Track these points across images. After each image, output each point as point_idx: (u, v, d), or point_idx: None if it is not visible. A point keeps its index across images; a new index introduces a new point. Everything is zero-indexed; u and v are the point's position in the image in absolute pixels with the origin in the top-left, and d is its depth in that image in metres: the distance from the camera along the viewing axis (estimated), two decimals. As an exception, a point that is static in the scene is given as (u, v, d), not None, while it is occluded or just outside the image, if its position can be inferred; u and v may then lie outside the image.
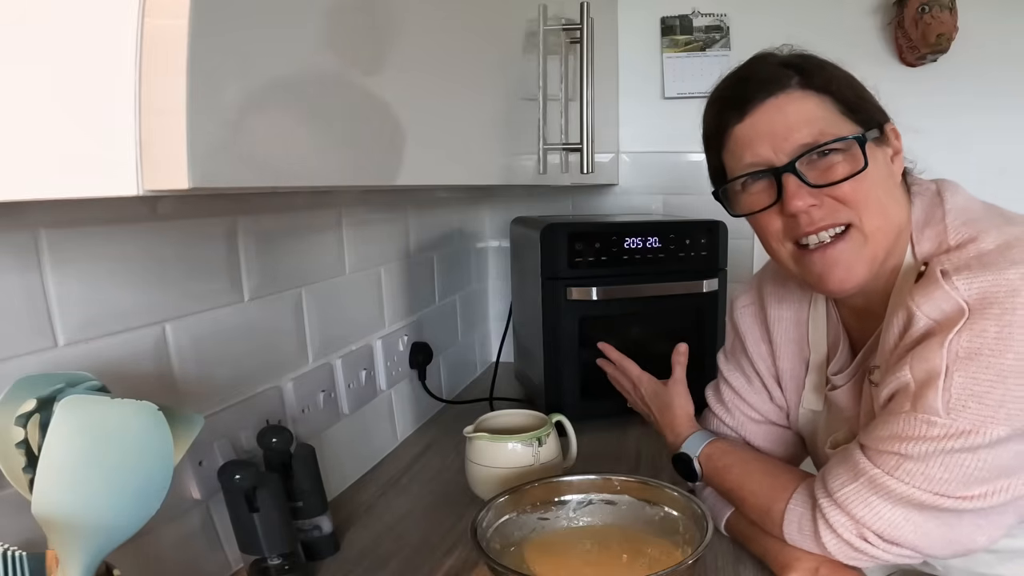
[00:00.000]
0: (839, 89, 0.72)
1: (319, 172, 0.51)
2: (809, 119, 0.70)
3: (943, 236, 0.70)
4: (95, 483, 0.47)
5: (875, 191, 0.70)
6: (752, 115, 0.72)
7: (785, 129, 0.70)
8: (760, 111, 0.71)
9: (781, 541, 0.78)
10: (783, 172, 0.70)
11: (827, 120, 0.70)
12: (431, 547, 0.89)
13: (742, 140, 0.73)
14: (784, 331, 0.88)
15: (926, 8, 1.43)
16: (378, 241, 1.18)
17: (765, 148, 0.71)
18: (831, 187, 0.69)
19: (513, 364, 1.62)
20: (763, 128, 0.71)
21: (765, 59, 0.75)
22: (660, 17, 1.64)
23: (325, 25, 0.50)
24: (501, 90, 0.90)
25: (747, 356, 0.93)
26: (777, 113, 0.71)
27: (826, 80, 0.72)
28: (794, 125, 0.70)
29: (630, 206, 1.73)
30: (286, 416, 0.92)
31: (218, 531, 0.80)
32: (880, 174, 0.71)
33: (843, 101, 0.71)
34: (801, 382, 0.89)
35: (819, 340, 0.86)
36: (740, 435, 0.93)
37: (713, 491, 0.90)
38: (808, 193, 0.69)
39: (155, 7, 0.36)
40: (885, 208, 0.71)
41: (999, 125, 1.55)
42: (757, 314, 0.92)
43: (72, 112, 0.37)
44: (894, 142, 0.74)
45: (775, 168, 0.71)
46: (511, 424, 1.05)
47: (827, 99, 0.71)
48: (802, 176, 0.69)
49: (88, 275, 0.64)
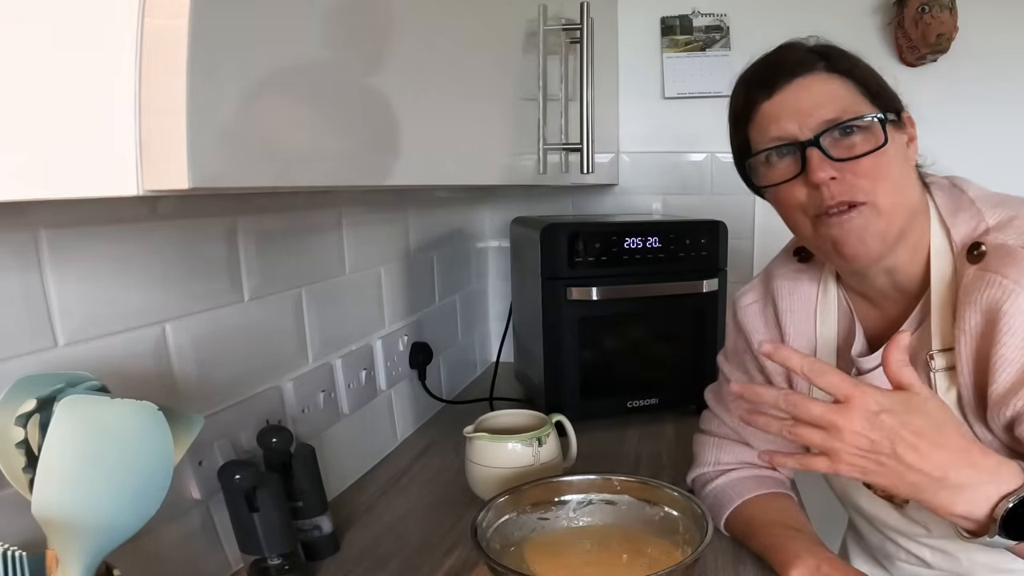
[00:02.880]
0: (862, 75, 0.76)
1: (319, 172, 0.51)
2: (834, 97, 0.74)
3: (979, 218, 0.74)
4: (95, 483, 0.47)
5: (893, 169, 0.74)
6: (780, 93, 0.75)
7: (810, 106, 0.74)
8: (788, 89, 0.75)
9: (781, 539, 0.78)
10: (808, 146, 0.73)
11: (850, 99, 0.74)
12: (431, 547, 0.89)
13: (769, 115, 0.76)
14: (796, 322, 0.88)
15: (926, 8, 1.43)
16: (378, 241, 1.18)
17: (791, 123, 0.74)
18: (852, 161, 0.72)
19: (513, 364, 1.62)
20: (790, 105, 0.75)
21: (793, 46, 0.79)
22: (660, 17, 1.64)
23: (325, 25, 0.50)
24: (501, 90, 0.90)
25: (751, 354, 0.92)
26: (803, 91, 0.75)
27: (850, 66, 0.76)
28: (819, 102, 0.73)
29: (630, 206, 1.73)
30: (286, 416, 0.92)
31: (218, 531, 0.80)
32: (898, 154, 0.75)
33: (865, 85, 0.75)
34: None
35: (827, 330, 0.86)
36: (740, 436, 0.93)
37: (714, 489, 0.90)
38: (830, 166, 0.72)
39: (155, 7, 0.36)
40: (901, 186, 0.75)
41: (999, 125, 1.55)
42: (763, 311, 0.92)
43: (72, 112, 0.37)
44: (910, 129, 0.78)
45: (800, 142, 0.74)
46: (511, 424, 1.05)
47: (850, 82, 0.75)
48: (825, 150, 0.72)
49: (88, 275, 0.64)
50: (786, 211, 0.79)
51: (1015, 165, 1.54)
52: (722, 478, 0.91)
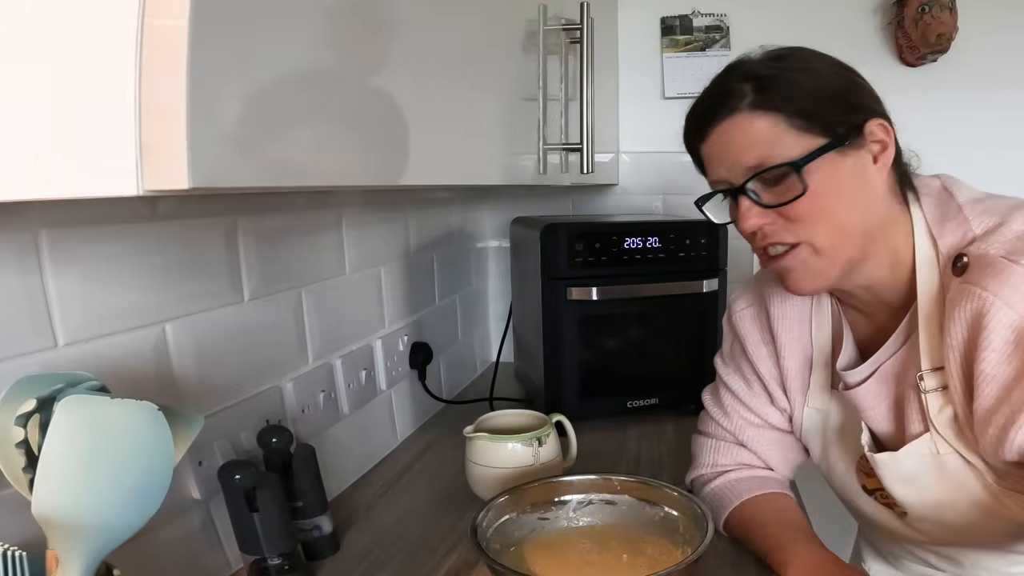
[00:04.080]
0: (795, 102, 0.70)
1: (319, 172, 0.51)
2: (756, 142, 0.71)
3: (966, 226, 0.72)
4: (95, 483, 0.47)
5: (835, 205, 0.71)
6: (710, 137, 0.76)
7: (733, 153, 0.73)
8: (715, 134, 0.75)
9: (780, 539, 0.78)
10: (738, 193, 0.74)
11: (772, 142, 0.70)
12: (431, 547, 0.89)
13: (707, 159, 0.78)
14: (788, 329, 0.88)
15: (926, 8, 1.43)
16: (378, 241, 1.18)
17: (723, 169, 0.75)
18: (780, 207, 0.72)
19: (513, 364, 1.62)
20: (718, 150, 0.75)
21: (732, 70, 0.75)
22: (660, 17, 1.64)
23: (325, 25, 0.50)
24: (501, 90, 0.90)
25: (747, 359, 0.92)
26: (727, 137, 0.74)
27: (782, 95, 0.70)
28: (740, 149, 0.72)
29: (630, 206, 1.73)
30: (286, 416, 0.92)
31: (218, 531, 0.80)
32: (843, 183, 0.71)
33: (798, 115, 0.70)
34: (806, 381, 0.88)
35: (823, 337, 0.86)
36: (738, 439, 0.93)
37: (713, 490, 0.90)
38: (758, 213, 0.73)
39: (155, 7, 0.36)
40: (847, 217, 0.72)
41: (999, 125, 1.55)
42: (757, 316, 0.91)
43: (72, 112, 0.37)
44: (875, 143, 0.72)
45: (732, 188, 0.75)
46: (511, 424, 1.05)
47: (779, 116, 0.70)
48: (753, 196, 0.73)
49: (88, 275, 0.64)
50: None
51: (1015, 165, 1.54)
52: (720, 479, 0.91)
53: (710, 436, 0.96)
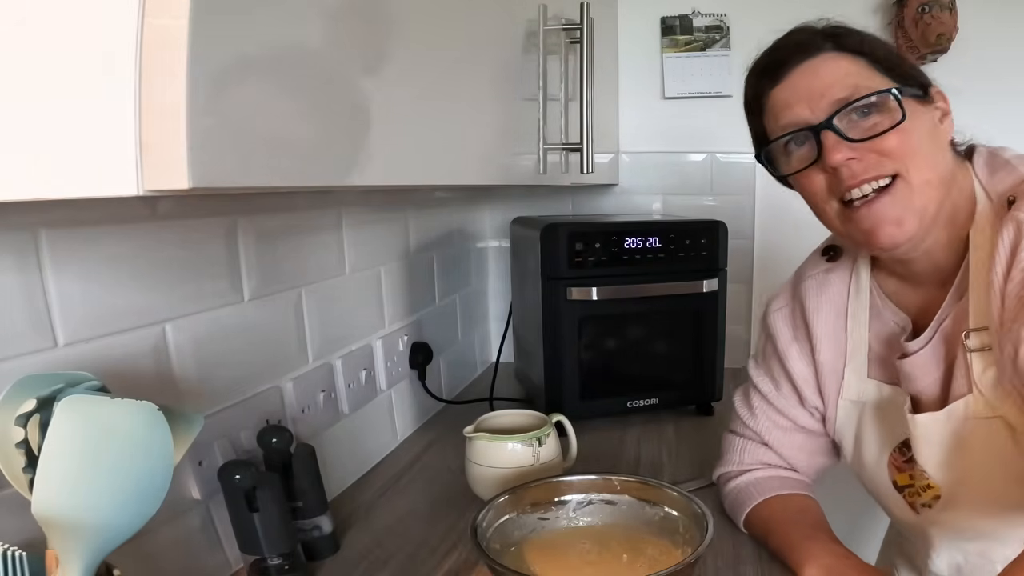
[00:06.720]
0: (873, 50, 0.73)
1: (319, 172, 0.51)
2: (844, 76, 0.71)
3: (1016, 173, 0.73)
4: (95, 483, 0.47)
5: (921, 144, 0.71)
6: (788, 79, 0.74)
7: (820, 88, 0.72)
8: (795, 74, 0.73)
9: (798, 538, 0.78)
10: (821, 129, 0.71)
11: (862, 76, 0.71)
12: (431, 547, 0.89)
13: (779, 103, 0.75)
14: (824, 323, 0.87)
15: (926, 8, 1.43)
16: (378, 241, 1.18)
17: (802, 109, 0.73)
18: (871, 141, 0.70)
19: (513, 364, 1.62)
20: (799, 90, 0.73)
21: (801, 29, 0.77)
22: (660, 17, 1.64)
23: (325, 25, 0.50)
24: (501, 90, 0.90)
25: (778, 358, 0.92)
26: (812, 74, 0.73)
27: (859, 42, 0.73)
28: (828, 83, 0.71)
29: (630, 206, 1.73)
30: (286, 416, 0.92)
31: (218, 531, 0.80)
32: (924, 128, 0.72)
33: (879, 61, 0.73)
34: (840, 373, 0.87)
35: (859, 328, 0.85)
36: (763, 440, 0.92)
37: (736, 487, 0.91)
38: (847, 147, 0.70)
39: (155, 7, 0.36)
40: (934, 161, 0.72)
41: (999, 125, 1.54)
42: (791, 315, 0.91)
43: (72, 112, 0.37)
44: (940, 104, 0.75)
45: (813, 126, 0.72)
46: (511, 424, 1.05)
47: (862, 59, 0.72)
48: (840, 132, 0.70)
49: (88, 275, 0.64)
50: (811, 201, 0.77)
51: (1015, 165, 1.54)
52: (744, 477, 0.91)
53: (738, 435, 0.96)
